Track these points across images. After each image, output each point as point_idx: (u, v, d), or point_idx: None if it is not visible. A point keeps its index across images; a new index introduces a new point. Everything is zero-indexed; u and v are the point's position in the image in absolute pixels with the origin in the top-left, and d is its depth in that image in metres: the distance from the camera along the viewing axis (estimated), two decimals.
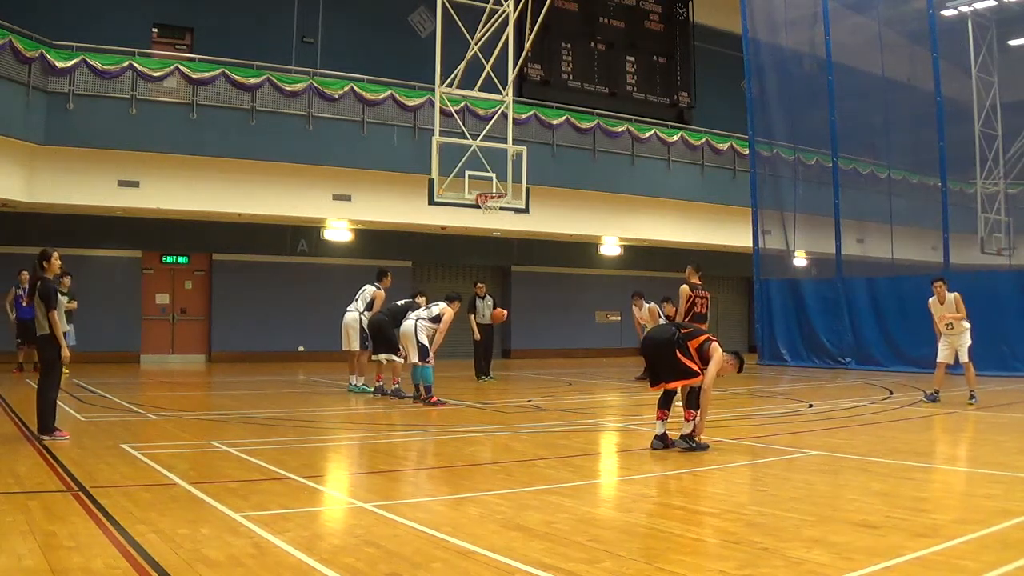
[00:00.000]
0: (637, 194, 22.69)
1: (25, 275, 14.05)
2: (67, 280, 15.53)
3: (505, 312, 15.78)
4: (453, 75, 15.31)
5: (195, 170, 17.87)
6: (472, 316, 15.98)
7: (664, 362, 7.46)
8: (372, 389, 12.68)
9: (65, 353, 7.82)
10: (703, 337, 7.57)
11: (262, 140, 18.18)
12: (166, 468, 6.42)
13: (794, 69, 21.80)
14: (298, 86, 18.55)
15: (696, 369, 7.40)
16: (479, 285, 16.72)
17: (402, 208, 19.41)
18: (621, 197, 22.55)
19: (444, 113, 15.31)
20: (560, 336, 24.79)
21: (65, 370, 15.75)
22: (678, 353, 7.37)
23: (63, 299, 15.47)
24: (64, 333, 7.97)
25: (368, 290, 13.00)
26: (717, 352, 7.47)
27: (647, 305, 16.23)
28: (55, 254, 8.02)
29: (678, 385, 7.52)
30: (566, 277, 25.10)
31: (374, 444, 8.59)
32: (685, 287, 12.37)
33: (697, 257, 14.42)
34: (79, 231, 18.46)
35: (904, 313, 17.66)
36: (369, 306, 12.79)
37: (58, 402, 8.07)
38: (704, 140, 23.86)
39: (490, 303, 16.32)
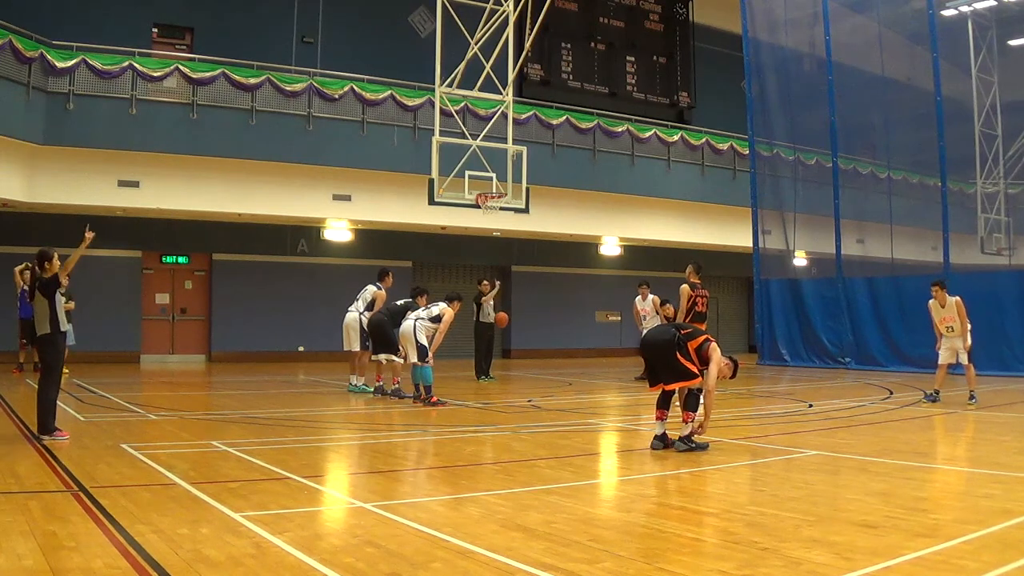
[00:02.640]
0: (637, 194, 22.69)
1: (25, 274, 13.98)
2: (65, 280, 15.49)
3: (507, 317, 15.75)
4: (453, 75, 15.31)
5: (195, 170, 17.88)
6: (478, 307, 15.97)
7: (663, 363, 7.47)
8: (372, 389, 12.68)
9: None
10: (702, 338, 7.58)
11: (262, 140, 18.18)
12: (166, 468, 6.42)
13: (794, 69, 21.81)
14: (298, 86, 18.55)
15: (695, 371, 7.41)
16: (483, 283, 16.69)
17: (402, 208, 19.41)
18: (621, 197, 22.56)
19: (444, 113, 15.32)
20: (560, 336, 24.79)
21: (65, 370, 15.76)
22: (678, 354, 7.37)
23: (61, 299, 15.50)
24: (64, 333, 7.98)
25: (369, 290, 13.02)
26: (716, 353, 7.48)
27: (651, 296, 16.22)
28: (55, 255, 8.04)
29: (677, 386, 7.53)
30: (566, 277, 25.09)
31: (374, 444, 8.59)
32: (685, 286, 12.39)
33: (697, 257, 14.43)
34: (79, 231, 18.41)
35: (904, 313, 17.68)
36: (370, 306, 12.80)
37: (58, 402, 8.07)
38: (704, 140, 23.86)
39: (491, 303, 16.32)
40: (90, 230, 8.27)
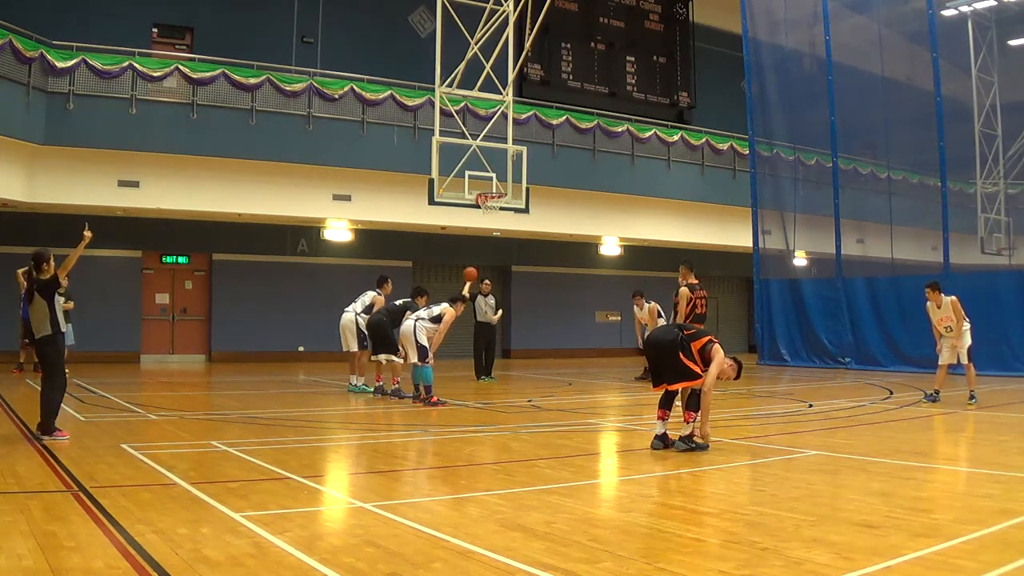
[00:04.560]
0: (637, 194, 22.69)
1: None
2: (64, 280, 15.47)
3: (474, 271, 15.18)
4: (453, 75, 15.31)
5: (195, 170, 17.87)
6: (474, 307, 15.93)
7: (666, 363, 7.48)
8: (372, 389, 12.68)
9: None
10: (705, 339, 7.59)
11: (262, 140, 18.17)
12: (166, 468, 6.42)
13: (794, 69, 21.80)
14: (298, 86, 18.55)
15: (698, 371, 7.42)
16: (485, 283, 16.65)
17: (402, 208, 19.41)
18: (621, 197, 22.55)
19: (444, 113, 15.31)
20: (560, 336, 24.78)
21: (65, 370, 15.72)
22: (681, 355, 7.38)
23: (60, 299, 15.50)
24: (63, 333, 7.99)
25: (369, 295, 13.05)
26: (719, 354, 7.49)
27: (648, 304, 16.24)
28: (51, 256, 8.06)
29: (680, 387, 7.54)
30: (566, 277, 25.09)
31: (374, 444, 8.59)
32: (685, 289, 12.38)
33: (697, 257, 14.42)
34: (79, 231, 18.44)
35: (904, 313, 17.67)
36: (368, 309, 12.82)
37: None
38: (704, 140, 23.86)
39: (492, 302, 16.33)
40: (88, 229, 8.27)
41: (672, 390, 7.61)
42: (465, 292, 15.32)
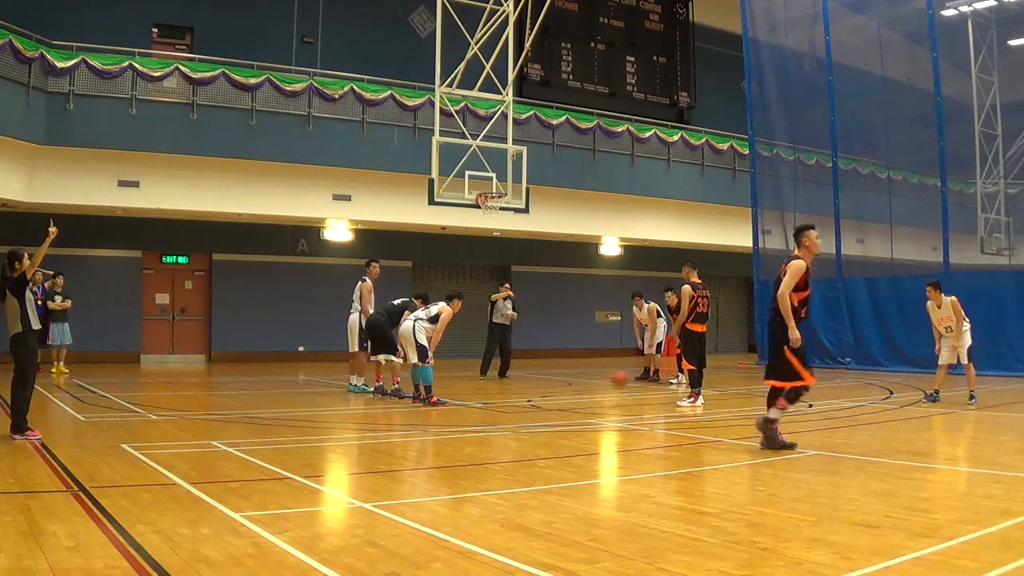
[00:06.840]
0: (637, 194, 22.69)
1: (39, 275, 13.75)
2: (60, 280, 15.50)
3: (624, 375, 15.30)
4: (453, 75, 15.31)
5: (195, 170, 17.87)
6: (492, 308, 16.28)
7: (772, 348, 7.53)
8: (372, 389, 12.68)
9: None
10: (788, 273, 7.53)
11: (262, 140, 18.18)
12: (166, 468, 6.42)
13: (794, 69, 21.79)
14: (298, 86, 18.55)
15: (799, 371, 7.41)
16: (505, 285, 16.96)
17: (402, 208, 19.41)
18: (621, 197, 22.56)
19: (444, 113, 15.31)
20: (560, 336, 24.78)
21: (65, 370, 15.76)
22: (787, 350, 7.38)
23: (58, 298, 15.52)
24: (35, 331, 8.06)
25: (356, 287, 13.01)
26: (795, 264, 7.58)
27: (647, 305, 16.26)
28: (26, 254, 8.10)
29: (772, 384, 7.49)
30: (566, 277, 25.09)
31: (374, 444, 8.59)
32: (687, 287, 12.40)
33: (697, 257, 14.43)
34: (79, 231, 18.43)
35: (904, 313, 17.67)
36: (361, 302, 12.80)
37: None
38: (704, 140, 23.86)
39: (509, 305, 16.49)
40: (53, 225, 8.30)
41: (777, 388, 7.49)
42: (512, 313, 15.59)
